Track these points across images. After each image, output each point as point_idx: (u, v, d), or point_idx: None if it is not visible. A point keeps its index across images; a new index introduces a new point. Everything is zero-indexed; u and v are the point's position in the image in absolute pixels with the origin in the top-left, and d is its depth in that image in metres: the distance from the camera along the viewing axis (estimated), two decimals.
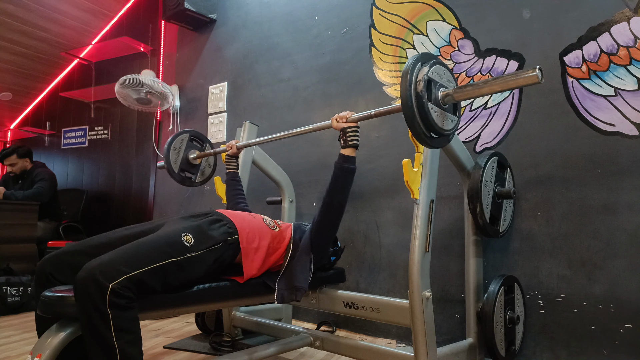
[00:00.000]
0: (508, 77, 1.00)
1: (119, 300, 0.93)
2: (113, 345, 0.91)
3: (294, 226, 1.52)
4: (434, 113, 1.06)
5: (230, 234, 1.28)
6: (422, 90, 1.03)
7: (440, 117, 1.08)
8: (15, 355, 1.69)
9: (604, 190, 1.54)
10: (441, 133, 1.10)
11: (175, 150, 2.11)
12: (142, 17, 3.70)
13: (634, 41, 1.54)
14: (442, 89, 1.09)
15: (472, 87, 1.06)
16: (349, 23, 2.35)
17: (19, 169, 3.26)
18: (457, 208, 1.85)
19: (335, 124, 1.43)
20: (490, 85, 1.04)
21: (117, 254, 1.00)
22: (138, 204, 3.50)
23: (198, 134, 2.23)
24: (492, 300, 1.48)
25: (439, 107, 1.08)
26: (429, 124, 1.05)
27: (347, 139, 1.38)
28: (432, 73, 1.06)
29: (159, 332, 2.08)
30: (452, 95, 1.08)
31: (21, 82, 4.18)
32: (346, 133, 1.39)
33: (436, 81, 1.08)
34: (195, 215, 1.32)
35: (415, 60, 1.06)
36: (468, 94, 1.07)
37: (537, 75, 0.94)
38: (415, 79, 1.04)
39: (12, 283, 2.49)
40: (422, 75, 1.04)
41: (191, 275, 1.14)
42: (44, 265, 1.12)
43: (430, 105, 1.05)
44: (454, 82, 1.16)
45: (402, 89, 1.03)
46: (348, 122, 1.40)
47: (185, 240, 1.14)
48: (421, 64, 1.07)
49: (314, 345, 1.58)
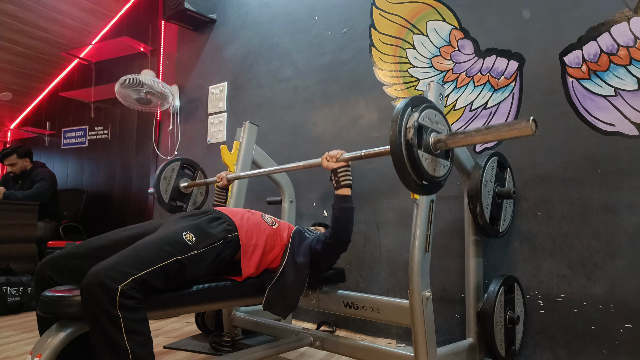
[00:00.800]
0: (501, 127, 0.94)
1: (128, 301, 0.93)
2: (125, 347, 0.91)
3: (295, 231, 1.50)
4: (425, 161, 1.01)
5: (230, 231, 1.28)
6: (412, 138, 0.98)
7: (432, 164, 1.04)
8: (15, 355, 1.69)
9: (604, 190, 1.54)
10: (432, 181, 1.05)
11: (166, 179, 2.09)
12: (142, 17, 3.70)
13: (634, 41, 1.53)
14: (433, 134, 1.04)
15: (465, 135, 1.01)
16: (349, 23, 2.35)
17: (19, 169, 3.26)
18: (457, 208, 1.85)
19: (325, 164, 1.42)
20: (483, 135, 0.97)
21: (121, 257, 1.00)
22: (138, 204, 3.50)
23: (189, 161, 2.21)
24: (492, 300, 1.48)
25: (431, 154, 1.04)
26: (420, 173, 1.00)
27: (340, 179, 1.38)
28: (423, 119, 1.02)
29: (159, 332, 2.08)
30: (444, 141, 1.03)
31: (21, 82, 4.18)
32: (338, 174, 1.38)
33: (427, 127, 1.03)
34: (194, 215, 1.32)
35: (405, 105, 1.01)
36: (461, 142, 1.02)
37: (531, 127, 0.87)
38: (405, 126, 0.99)
39: (12, 283, 2.49)
40: (412, 122, 0.99)
41: (193, 273, 1.14)
42: (43, 269, 1.12)
43: (421, 153, 1.00)
44: (447, 125, 1.11)
45: (392, 137, 0.99)
46: (338, 162, 1.39)
47: (187, 239, 1.14)
48: (411, 109, 1.02)
49: (314, 345, 1.58)
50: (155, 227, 1.25)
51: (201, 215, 1.31)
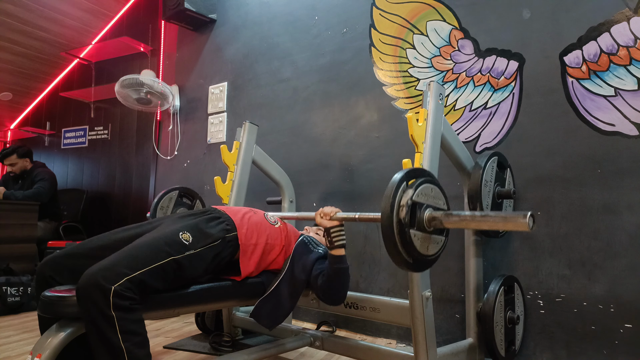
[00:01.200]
0: (498, 218, 0.89)
1: (123, 302, 0.93)
2: (121, 348, 0.91)
3: (300, 241, 1.45)
4: (417, 240, 0.96)
5: (229, 230, 1.27)
6: (405, 217, 0.93)
7: (425, 242, 0.98)
8: (15, 355, 1.69)
9: (604, 190, 1.54)
10: (423, 260, 1.00)
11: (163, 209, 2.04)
12: (142, 17, 3.70)
13: (634, 41, 1.53)
14: (429, 210, 0.98)
15: (460, 219, 0.95)
16: (349, 23, 2.35)
17: (19, 168, 3.26)
18: (457, 208, 1.85)
19: (319, 220, 1.38)
20: (479, 222, 0.93)
21: (116, 257, 1.00)
22: (138, 204, 3.50)
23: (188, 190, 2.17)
24: (492, 300, 1.48)
25: (424, 232, 0.98)
26: (411, 251, 0.96)
27: (333, 240, 1.33)
28: (418, 195, 0.97)
29: (159, 332, 2.08)
30: (439, 220, 0.97)
31: (21, 82, 4.18)
32: (331, 234, 1.33)
33: (422, 203, 0.98)
34: (193, 214, 1.31)
35: (399, 180, 0.97)
36: (456, 224, 0.96)
37: (528, 224, 0.82)
38: (399, 204, 0.95)
39: (12, 283, 2.49)
40: (406, 200, 0.95)
41: (191, 273, 1.14)
42: (43, 269, 1.12)
43: (414, 232, 0.96)
44: (444, 198, 1.06)
45: (383, 214, 0.94)
46: (332, 220, 1.34)
47: (184, 239, 1.14)
48: (406, 184, 0.98)
49: (314, 345, 1.58)
50: (154, 227, 1.25)
51: (200, 215, 1.30)
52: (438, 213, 0.98)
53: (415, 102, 2.08)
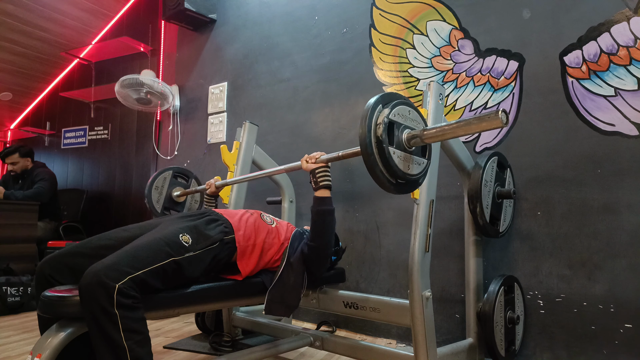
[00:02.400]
0: (473, 120, 0.95)
1: (126, 300, 0.93)
2: (123, 346, 0.91)
3: (295, 233, 1.49)
4: (397, 158, 0.99)
5: (227, 233, 1.28)
6: (382, 134, 0.96)
7: (405, 161, 1.02)
8: (15, 355, 1.69)
9: (604, 190, 1.54)
10: (407, 179, 1.02)
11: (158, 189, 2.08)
12: (142, 17, 3.70)
13: (634, 41, 1.53)
14: (407, 130, 1.03)
15: (437, 130, 1.00)
16: (349, 23, 2.35)
17: (20, 168, 3.27)
18: (457, 208, 1.85)
19: (304, 165, 1.40)
20: (454, 129, 0.98)
21: (118, 257, 1.01)
22: (138, 204, 3.50)
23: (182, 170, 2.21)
24: (492, 300, 1.48)
25: (404, 151, 1.02)
26: (392, 170, 0.98)
27: (318, 180, 1.35)
28: (395, 115, 1.00)
29: (159, 332, 2.08)
30: (419, 137, 1.02)
31: (21, 82, 4.18)
32: (316, 175, 1.35)
33: (400, 123, 1.01)
34: (192, 215, 1.32)
35: (375, 102, 1.00)
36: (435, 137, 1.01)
37: (501, 119, 0.88)
38: (375, 123, 0.98)
39: (12, 283, 2.49)
40: (382, 118, 0.98)
41: (191, 274, 1.15)
42: (43, 268, 1.12)
43: (393, 149, 0.98)
44: (422, 122, 1.09)
45: (361, 134, 0.97)
46: (317, 162, 1.37)
47: (184, 241, 1.15)
48: (382, 105, 1.01)
49: (314, 345, 1.58)
50: (154, 227, 1.25)
51: (199, 217, 1.31)
52: (417, 131, 1.03)
53: (415, 102, 2.08)
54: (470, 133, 0.99)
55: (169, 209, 2.13)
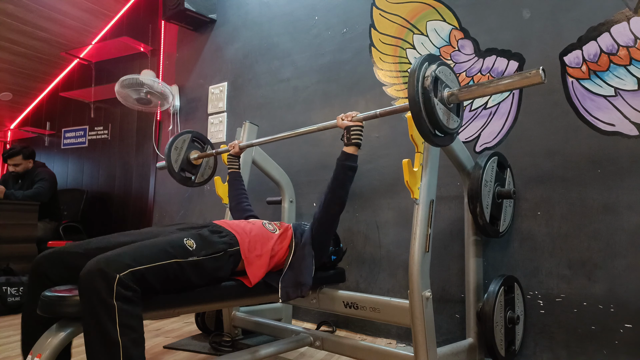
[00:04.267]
0: (513, 76, 1.04)
1: (126, 292, 0.92)
2: (117, 341, 0.89)
3: (294, 226, 1.54)
4: (440, 110, 1.09)
5: (231, 245, 1.28)
6: (429, 86, 1.05)
7: (446, 115, 1.11)
8: (15, 355, 1.69)
9: (604, 190, 1.54)
10: (446, 131, 1.12)
11: (177, 149, 2.12)
12: (142, 17, 3.70)
13: (634, 41, 1.54)
14: (447, 88, 1.12)
15: (477, 87, 1.11)
16: (349, 23, 2.35)
17: (22, 169, 3.27)
18: (457, 208, 1.85)
19: (340, 122, 1.46)
20: (496, 85, 1.08)
21: (122, 250, 1.01)
22: (138, 204, 3.50)
23: (200, 135, 2.24)
24: (492, 300, 1.48)
25: (445, 106, 1.11)
26: (435, 121, 1.07)
27: (351, 136, 1.41)
28: (439, 72, 1.10)
29: (159, 332, 2.08)
30: (456, 95, 1.11)
31: (21, 82, 4.18)
32: (350, 131, 1.41)
33: (442, 80, 1.11)
34: (194, 227, 1.33)
35: (423, 60, 1.09)
36: (473, 94, 1.11)
37: (541, 75, 0.97)
38: (423, 76, 1.07)
39: (12, 283, 2.49)
40: (430, 72, 1.07)
41: (191, 280, 1.14)
42: (40, 263, 1.11)
43: (437, 101, 1.08)
44: (458, 83, 1.18)
45: (410, 85, 1.05)
46: (353, 120, 1.43)
47: (188, 245, 1.15)
48: (428, 63, 1.10)
49: (314, 345, 1.58)
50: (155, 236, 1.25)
51: (201, 227, 1.31)
52: (455, 89, 1.13)
53: None
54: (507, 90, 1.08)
55: (185, 170, 2.16)
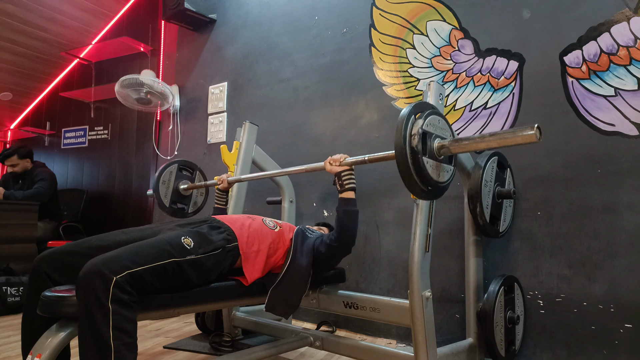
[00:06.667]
0: (506, 133, 0.95)
1: (122, 295, 0.92)
2: (109, 345, 0.88)
3: (297, 231, 1.50)
4: (430, 167, 1.03)
5: (229, 240, 1.28)
6: (417, 145, 0.99)
7: (436, 169, 1.05)
8: (15, 355, 1.69)
9: (604, 190, 1.54)
10: (437, 186, 1.06)
11: (165, 183, 2.09)
12: (142, 17, 3.70)
13: (634, 41, 1.53)
14: (437, 139, 1.06)
15: (469, 142, 1.02)
16: (349, 23, 2.35)
17: (20, 168, 3.27)
18: (457, 208, 1.85)
19: (329, 167, 1.42)
20: (487, 142, 0.99)
21: (120, 251, 1.01)
22: (138, 204, 3.50)
23: (187, 163, 2.21)
24: (492, 300, 1.48)
25: (435, 160, 1.05)
26: (425, 179, 1.02)
27: (344, 183, 1.38)
28: (427, 125, 1.03)
29: (159, 332, 2.08)
30: (447, 147, 1.04)
31: (21, 82, 4.18)
32: (341, 177, 1.38)
33: (431, 133, 1.04)
34: (193, 223, 1.33)
35: (409, 112, 1.03)
36: (464, 148, 1.03)
37: (535, 134, 0.88)
38: (410, 133, 1.00)
39: (12, 283, 2.49)
40: (416, 129, 1.01)
41: (190, 278, 1.14)
42: (40, 263, 1.11)
43: (426, 159, 1.02)
44: (450, 130, 1.12)
45: (397, 144, 1.00)
46: (342, 165, 1.39)
47: (185, 243, 1.15)
48: (415, 116, 1.04)
49: (314, 345, 1.58)
50: (155, 233, 1.25)
51: (200, 224, 1.31)
52: (446, 141, 1.06)
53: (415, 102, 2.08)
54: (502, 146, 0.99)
55: (177, 202, 2.14)
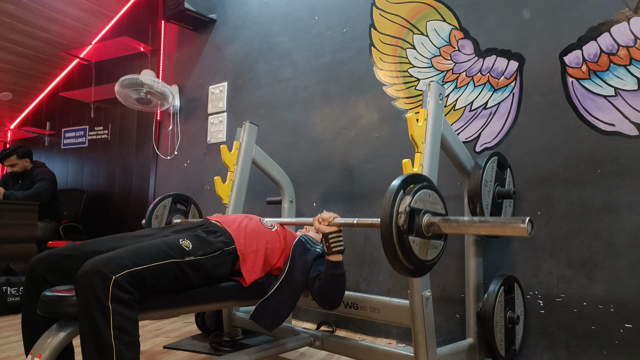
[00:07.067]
0: (496, 224, 0.88)
1: (122, 294, 0.92)
2: (110, 344, 0.88)
3: (297, 241, 1.45)
4: (416, 246, 0.97)
5: (227, 244, 1.28)
6: (403, 225, 0.93)
7: (423, 248, 0.99)
8: (15, 355, 1.69)
9: (604, 190, 1.54)
10: (422, 266, 1.00)
11: (157, 218, 2.07)
12: (142, 17, 3.70)
13: (634, 41, 1.54)
14: (427, 215, 0.99)
15: (458, 224, 0.95)
16: (349, 23, 2.35)
17: (20, 168, 3.27)
18: (457, 208, 1.85)
19: (317, 226, 1.35)
20: (477, 227, 0.92)
21: (120, 251, 1.01)
22: (138, 204, 3.50)
23: (181, 196, 2.20)
24: (492, 300, 1.48)
25: (422, 238, 0.98)
26: (410, 258, 0.96)
27: (331, 245, 1.32)
28: (416, 201, 0.97)
29: (159, 332, 2.08)
30: (437, 225, 0.97)
31: (21, 82, 4.18)
32: (329, 239, 1.32)
33: (420, 209, 0.98)
34: (190, 228, 1.33)
35: (397, 187, 0.97)
36: (454, 229, 0.96)
37: (527, 229, 0.81)
38: (397, 211, 0.95)
39: (12, 283, 2.49)
40: (404, 207, 0.95)
41: (190, 279, 1.14)
42: (36, 266, 1.11)
43: (412, 239, 0.96)
44: (442, 203, 1.06)
45: (382, 221, 0.95)
46: (330, 225, 1.33)
47: (184, 245, 1.15)
48: (403, 192, 0.98)
49: (314, 345, 1.58)
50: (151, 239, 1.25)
51: (197, 228, 1.31)
52: (436, 218, 0.98)
53: (415, 102, 2.08)
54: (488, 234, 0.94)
55: None
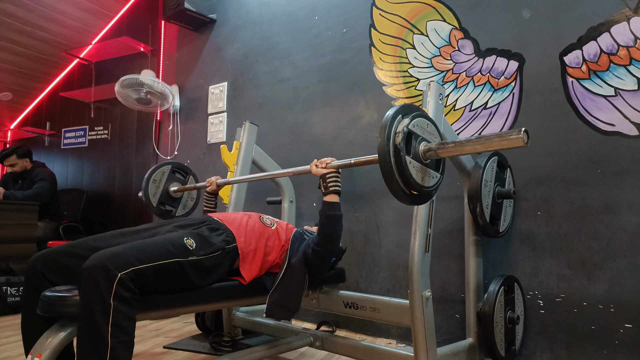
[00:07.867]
0: (492, 137, 0.93)
1: (125, 292, 0.92)
2: (106, 341, 0.88)
3: (295, 234, 1.48)
4: (413, 168, 0.99)
5: (228, 242, 1.28)
6: (400, 143, 0.96)
7: (421, 172, 1.01)
8: (15, 355, 1.69)
9: (604, 190, 1.54)
10: (421, 190, 1.02)
11: (155, 182, 2.08)
12: (142, 17, 3.70)
13: (634, 41, 1.53)
14: (424, 143, 1.02)
15: (455, 145, 0.99)
16: (349, 23, 2.35)
17: (20, 168, 3.27)
18: (457, 208, 1.85)
19: (314, 170, 1.39)
20: (474, 145, 0.97)
21: (125, 247, 1.01)
22: (138, 204, 3.50)
23: (181, 165, 2.20)
24: (492, 300, 1.48)
25: (420, 163, 1.01)
26: (407, 180, 0.98)
27: (328, 185, 1.35)
28: (414, 126, 1.00)
29: (159, 332, 2.08)
30: (434, 150, 1.01)
31: (21, 82, 4.18)
32: (326, 179, 1.35)
33: (418, 134, 1.01)
34: (192, 224, 1.33)
35: (395, 112, 1.00)
36: (451, 152, 1.00)
37: (522, 138, 0.86)
38: (394, 131, 0.97)
39: (12, 283, 2.49)
40: (401, 127, 0.98)
41: (190, 279, 1.14)
42: (36, 264, 1.10)
43: (409, 159, 0.98)
44: (439, 136, 1.08)
45: (380, 142, 0.97)
46: (328, 167, 1.37)
47: (188, 244, 1.15)
48: (402, 115, 1.01)
49: (314, 345, 1.58)
50: (152, 235, 1.25)
51: (200, 225, 1.31)
52: (433, 144, 1.02)
53: (415, 102, 2.08)
54: (489, 149, 0.97)
55: (165, 203, 2.12)
